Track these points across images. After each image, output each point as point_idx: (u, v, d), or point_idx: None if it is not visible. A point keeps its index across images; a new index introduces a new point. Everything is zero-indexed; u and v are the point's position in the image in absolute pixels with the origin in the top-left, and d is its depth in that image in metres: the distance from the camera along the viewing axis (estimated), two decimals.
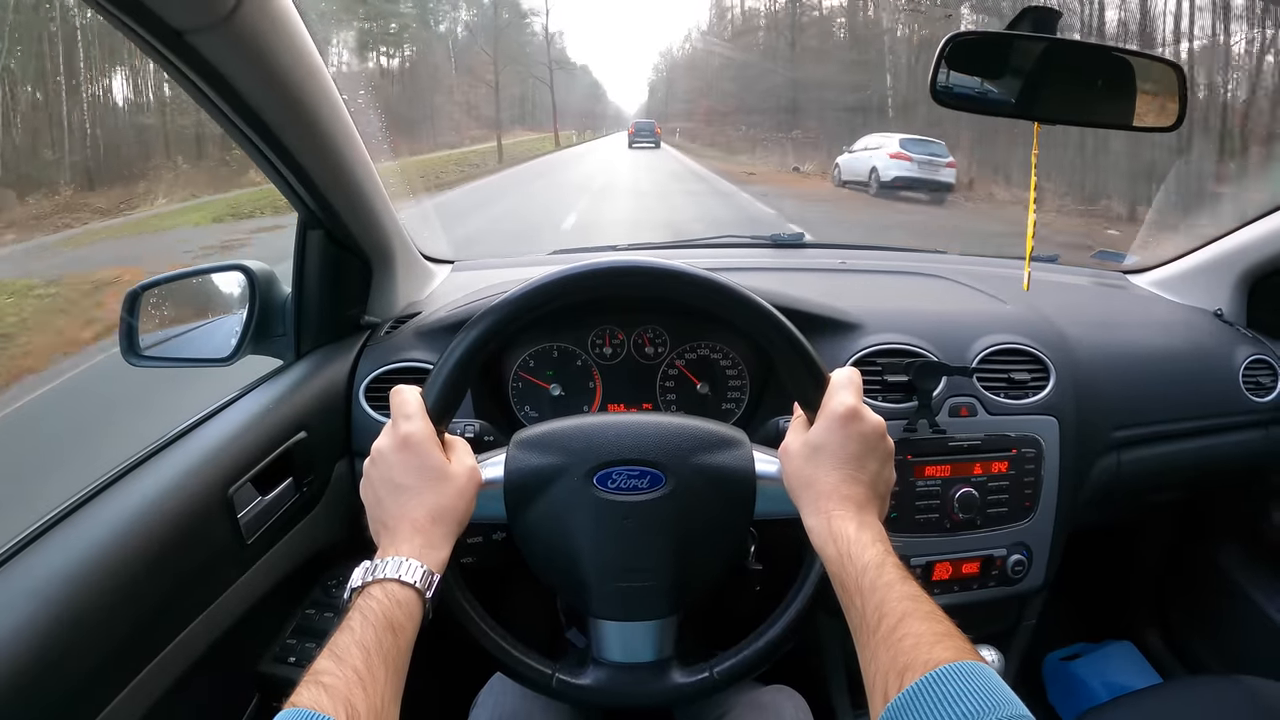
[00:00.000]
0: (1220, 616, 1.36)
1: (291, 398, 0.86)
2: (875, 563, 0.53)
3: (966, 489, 0.92)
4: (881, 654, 0.48)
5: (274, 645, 0.87)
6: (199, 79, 0.64)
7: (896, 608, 0.50)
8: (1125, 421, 1.07)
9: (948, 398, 0.94)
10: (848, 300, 1.01)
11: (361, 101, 0.86)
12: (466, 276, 1.25)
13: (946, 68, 0.85)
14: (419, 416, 0.60)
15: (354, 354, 0.95)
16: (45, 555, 0.59)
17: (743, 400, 1.00)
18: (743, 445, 0.66)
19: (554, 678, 0.65)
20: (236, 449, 0.76)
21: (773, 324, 0.64)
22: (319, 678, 0.46)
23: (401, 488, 0.58)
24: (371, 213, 0.93)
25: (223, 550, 0.73)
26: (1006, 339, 0.99)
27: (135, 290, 0.92)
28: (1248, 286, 1.27)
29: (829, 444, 0.60)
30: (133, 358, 0.91)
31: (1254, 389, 1.16)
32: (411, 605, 0.53)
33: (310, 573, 0.91)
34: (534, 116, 44.54)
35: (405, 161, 11.88)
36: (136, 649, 0.62)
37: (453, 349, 0.63)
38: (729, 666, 0.65)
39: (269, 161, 0.77)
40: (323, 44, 0.73)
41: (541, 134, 38.09)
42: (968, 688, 0.43)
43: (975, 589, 0.95)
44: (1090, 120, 0.97)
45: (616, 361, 1.00)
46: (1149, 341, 1.16)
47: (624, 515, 0.63)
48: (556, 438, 0.66)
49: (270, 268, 0.95)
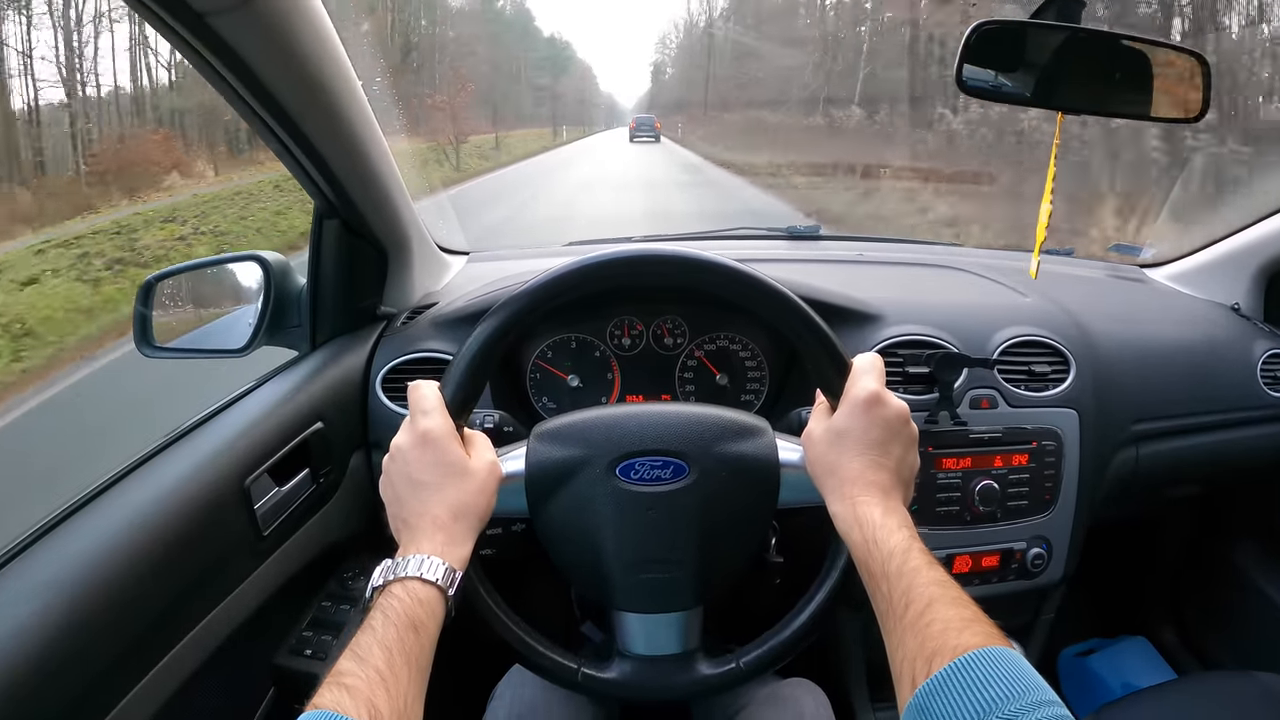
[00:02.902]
0: (1236, 613, 1.35)
1: (308, 388, 0.85)
2: (901, 548, 0.53)
3: (987, 481, 0.91)
4: (909, 639, 0.48)
5: (290, 637, 0.86)
6: (219, 63, 0.63)
7: (924, 593, 0.50)
8: (1144, 415, 1.06)
9: (968, 389, 0.93)
10: (867, 291, 1.00)
11: (377, 89, 0.85)
12: (483, 268, 1.24)
13: (970, 57, 0.84)
14: (438, 411, 0.60)
15: (370, 344, 0.95)
16: (61, 547, 0.59)
17: (762, 392, 0.99)
18: (766, 433, 0.66)
19: (579, 671, 0.65)
20: (253, 440, 0.76)
21: (792, 309, 0.63)
22: (341, 679, 0.46)
23: (422, 484, 0.58)
24: (388, 202, 0.92)
25: (239, 542, 0.73)
26: (1027, 331, 0.98)
27: (149, 281, 0.92)
28: (1265, 280, 1.26)
29: (853, 429, 0.60)
30: (147, 349, 0.90)
31: (1272, 383, 1.15)
32: (434, 603, 0.53)
33: (326, 565, 0.91)
34: (515, 109, 40.20)
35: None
36: (152, 641, 0.62)
37: (471, 341, 0.62)
38: (755, 657, 0.65)
39: (286, 149, 0.77)
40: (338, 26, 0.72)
41: (519, 131, 34.61)
42: (996, 673, 0.42)
43: (995, 582, 0.95)
44: (1111, 110, 0.96)
45: (635, 352, 0.99)
46: (1167, 335, 1.15)
47: (647, 506, 0.63)
48: (577, 429, 0.65)
49: (285, 258, 0.94)
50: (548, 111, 49.90)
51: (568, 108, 57.87)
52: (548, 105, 50.85)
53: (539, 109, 48.90)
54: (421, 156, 11.29)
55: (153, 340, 0.91)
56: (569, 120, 53.40)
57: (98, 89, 14.58)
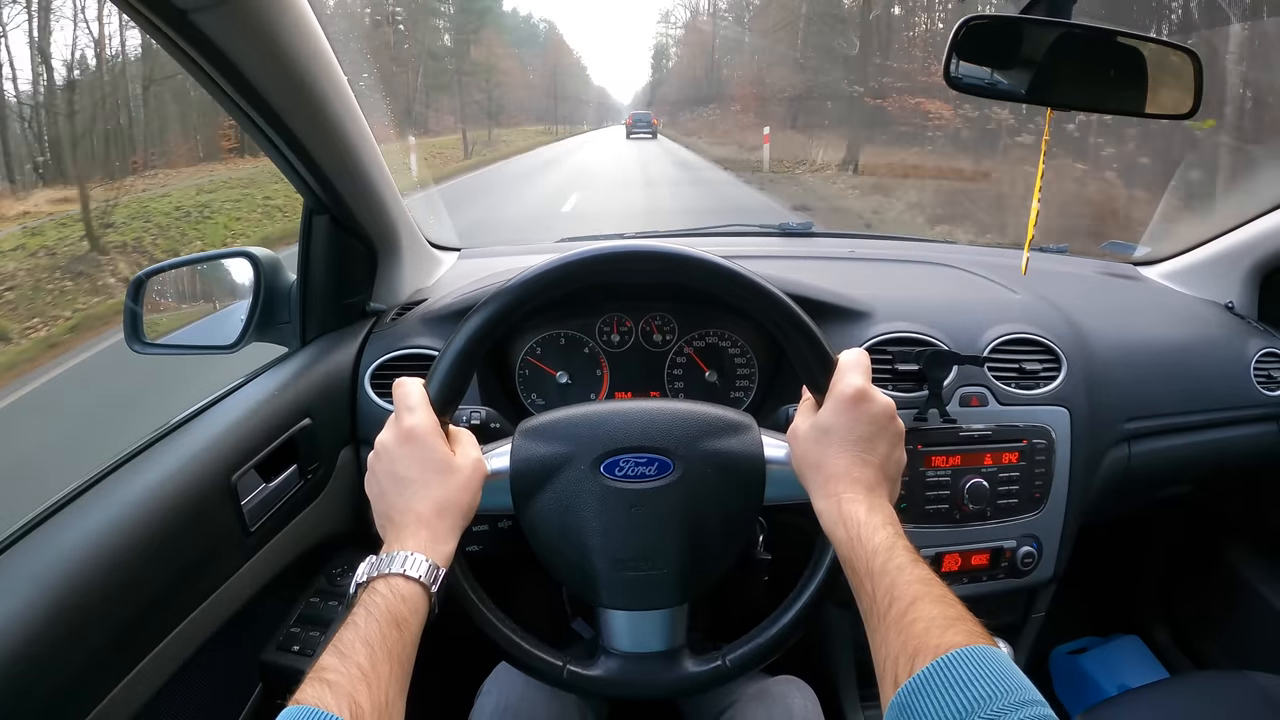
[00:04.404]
0: (1228, 612, 1.35)
1: (296, 384, 0.85)
2: (886, 545, 0.53)
3: (977, 479, 0.91)
4: (892, 638, 0.48)
5: (278, 634, 0.86)
6: (203, 60, 0.63)
7: (907, 591, 0.49)
8: (1136, 413, 1.06)
9: (958, 387, 0.93)
10: (857, 288, 1.00)
11: (364, 85, 0.85)
12: (474, 264, 1.24)
13: (959, 53, 0.84)
14: (422, 408, 0.59)
15: (359, 341, 0.95)
16: (46, 542, 0.59)
17: (751, 389, 0.99)
18: (751, 430, 0.66)
19: (565, 669, 0.65)
20: (240, 436, 0.76)
21: (777, 304, 0.63)
22: (323, 674, 0.46)
23: (406, 481, 0.58)
24: (378, 198, 0.92)
25: (226, 538, 0.73)
26: (1018, 328, 0.98)
27: (139, 277, 0.92)
28: (1259, 279, 1.26)
29: (838, 426, 0.59)
30: (137, 345, 0.90)
31: (1265, 382, 1.15)
32: (416, 600, 0.53)
33: (314, 561, 0.91)
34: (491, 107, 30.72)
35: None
36: (139, 637, 0.62)
37: (455, 338, 0.62)
38: (742, 654, 0.65)
39: (274, 145, 0.76)
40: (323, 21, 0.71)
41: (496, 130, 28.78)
42: (980, 672, 0.42)
43: (984, 580, 0.95)
44: (1104, 107, 0.96)
45: (624, 349, 0.99)
46: (1160, 333, 1.15)
47: (632, 503, 0.63)
48: (562, 426, 0.65)
49: (275, 254, 0.94)
50: (544, 108, 43.14)
51: (535, 100, 47.30)
52: (512, 99, 38.66)
53: (508, 104, 37.39)
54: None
55: (143, 336, 0.91)
56: (542, 116, 44.48)
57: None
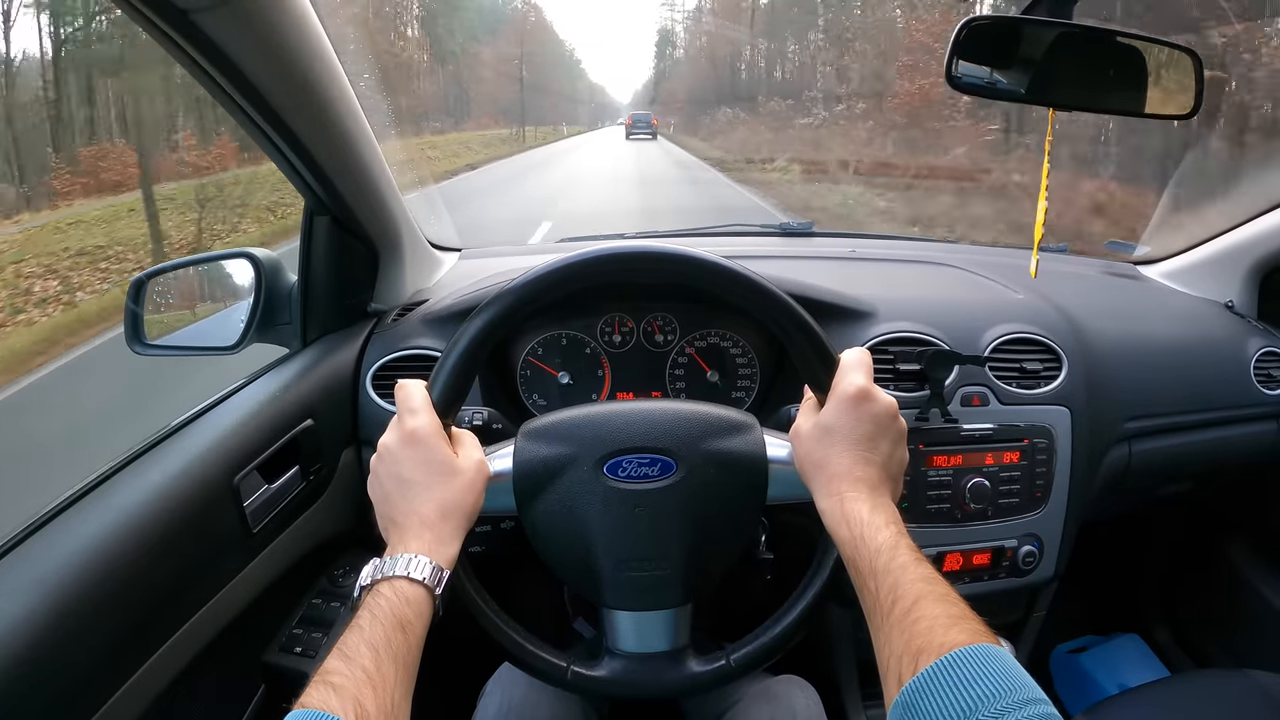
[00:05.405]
0: (1229, 611, 1.36)
1: (298, 385, 0.85)
2: (889, 545, 0.53)
3: (978, 479, 0.91)
4: (896, 637, 0.48)
5: (280, 635, 0.86)
6: (204, 60, 0.63)
7: (910, 590, 0.49)
8: (1136, 412, 1.06)
9: (960, 387, 0.93)
10: (859, 288, 1.00)
11: (365, 85, 0.85)
12: (475, 264, 1.24)
13: (960, 53, 0.84)
14: (424, 410, 0.60)
15: (361, 341, 0.95)
16: (49, 544, 0.59)
17: (753, 389, 0.99)
18: (753, 429, 0.66)
19: (569, 670, 0.65)
20: (242, 437, 0.76)
21: (778, 304, 0.63)
22: (328, 677, 0.46)
23: (409, 483, 0.58)
24: (379, 199, 0.92)
25: (228, 539, 0.73)
26: (1019, 328, 0.98)
27: (140, 278, 0.91)
28: (1259, 278, 1.26)
29: (840, 425, 0.60)
30: (138, 346, 0.90)
31: (1265, 381, 1.15)
32: (421, 603, 0.53)
33: (317, 562, 0.91)
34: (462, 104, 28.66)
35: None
36: (141, 639, 0.62)
37: (457, 339, 0.62)
38: (745, 654, 0.65)
39: (275, 146, 0.76)
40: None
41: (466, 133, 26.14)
42: (983, 671, 0.42)
43: (986, 580, 0.95)
44: (1104, 107, 0.96)
45: (626, 349, 0.99)
46: (1160, 333, 1.15)
47: (635, 504, 0.63)
48: (565, 427, 0.65)
49: (276, 255, 0.94)
50: (517, 102, 36.05)
51: (506, 96, 41.06)
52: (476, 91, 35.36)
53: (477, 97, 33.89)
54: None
55: (144, 338, 0.91)
56: (529, 116, 38.27)
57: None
